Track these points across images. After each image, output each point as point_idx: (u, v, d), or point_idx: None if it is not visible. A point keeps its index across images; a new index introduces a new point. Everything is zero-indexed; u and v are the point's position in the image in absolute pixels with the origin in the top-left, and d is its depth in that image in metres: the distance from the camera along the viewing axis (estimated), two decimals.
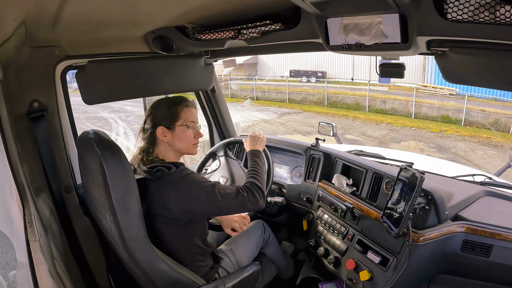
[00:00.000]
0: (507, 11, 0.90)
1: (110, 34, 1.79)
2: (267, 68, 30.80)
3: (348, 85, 23.29)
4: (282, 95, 23.23)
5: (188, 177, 1.60)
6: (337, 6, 1.26)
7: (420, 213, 1.78)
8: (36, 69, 1.71)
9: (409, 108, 17.61)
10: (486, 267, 1.78)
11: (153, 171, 1.56)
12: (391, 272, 1.82)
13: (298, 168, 2.71)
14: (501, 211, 1.98)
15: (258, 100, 23.51)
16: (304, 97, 22.19)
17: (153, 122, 1.70)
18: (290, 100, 22.48)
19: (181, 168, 1.62)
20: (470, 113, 15.91)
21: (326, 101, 21.01)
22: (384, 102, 18.79)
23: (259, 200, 1.74)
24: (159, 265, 1.46)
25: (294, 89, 23.24)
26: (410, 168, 1.70)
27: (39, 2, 1.13)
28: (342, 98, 20.58)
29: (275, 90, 24.15)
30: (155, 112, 1.72)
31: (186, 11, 1.54)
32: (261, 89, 24.86)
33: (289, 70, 28.19)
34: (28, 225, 1.22)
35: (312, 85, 24.63)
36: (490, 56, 1.19)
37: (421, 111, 17.35)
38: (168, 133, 1.69)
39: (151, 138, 1.71)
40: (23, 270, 1.03)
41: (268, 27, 1.51)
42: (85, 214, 1.86)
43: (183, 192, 1.57)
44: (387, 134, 14.98)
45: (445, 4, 1.03)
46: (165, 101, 1.75)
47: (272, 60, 30.32)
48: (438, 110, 16.90)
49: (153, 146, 1.71)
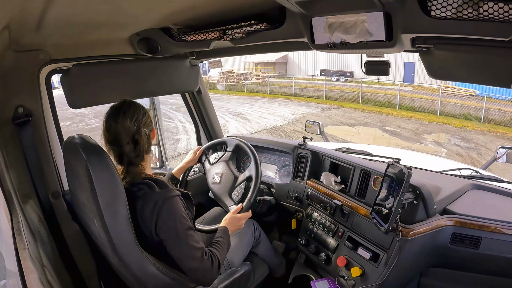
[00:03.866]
0: (490, 8, 0.91)
1: (95, 36, 1.77)
2: (297, 66, 32.15)
3: (375, 85, 24.95)
4: (319, 92, 24.83)
5: (170, 203, 1.47)
6: (322, 5, 1.27)
7: (408, 208, 1.80)
8: (21, 74, 1.68)
9: (435, 106, 19.43)
10: (476, 259, 1.80)
11: (135, 190, 1.48)
12: (382, 267, 1.84)
13: (286, 167, 2.71)
14: (489, 203, 2.02)
15: (297, 97, 25.22)
16: (340, 94, 23.53)
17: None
18: (327, 97, 24.08)
19: (164, 190, 1.49)
20: (488, 112, 17.77)
21: (360, 98, 22.43)
22: (412, 100, 20.66)
23: (214, 272, 1.52)
24: (150, 268, 1.45)
25: (329, 87, 25.07)
26: (397, 164, 1.71)
27: (23, 5, 1.12)
28: (375, 96, 22.37)
29: (312, 88, 25.77)
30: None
31: (171, 12, 1.53)
32: (298, 86, 26.31)
33: (319, 69, 29.55)
34: (16, 233, 1.20)
35: (345, 84, 26.22)
36: (474, 52, 1.21)
37: (445, 109, 19.14)
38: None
39: (145, 145, 1.58)
40: (13, 279, 1.01)
41: (253, 27, 1.51)
42: (73, 220, 1.84)
43: (161, 218, 1.46)
44: (418, 127, 16.65)
45: (429, 1, 1.05)
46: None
47: (301, 59, 31.87)
48: (461, 108, 18.80)
49: (143, 155, 1.58)
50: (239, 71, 32.23)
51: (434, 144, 14.11)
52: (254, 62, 34.14)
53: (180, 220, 1.47)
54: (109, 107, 1.57)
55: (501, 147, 2.67)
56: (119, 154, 1.53)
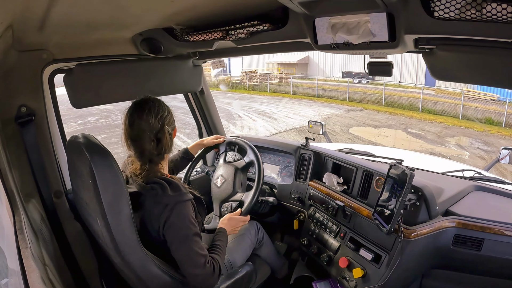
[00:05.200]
0: (494, 9, 0.91)
1: (97, 36, 1.77)
2: (318, 68, 32.41)
3: (397, 87, 25.25)
4: (342, 94, 24.78)
5: (180, 207, 1.48)
6: (325, 6, 1.27)
7: (411, 209, 1.79)
8: (24, 73, 1.69)
9: (457, 110, 19.51)
10: (478, 261, 1.80)
11: (148, 188, 1.50)
12: (384, 268, 1.83)
13: (288, 167, 2.70)
14: (491, 205, 2.01)
15: (320, 98, 25.24)
16: (362, 96, 23.59)
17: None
18: (350, 99, 23.93)
19: (178, 193, 1.49)
20: (510, 116, 17.79)
21: (383, 100, 22.57)
22: (435, 103, 20.75)
23: (214, 277, 1.53)
24: (152, 268, 1.45)
25: (352, 89, 24.98)
26: (400, 165, 1.71)
27: (26, 4, 1.12)
28: (397, 98, 22.52)
29: (335, 89, 25.82)
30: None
31: (174, 12, 1.54)
32: (321, 87, 26.40)
33: (341, 71, 29.67)
34: (18, 232, 1.20)
35: (367, 86, 26.35)
36: (477, 53, 1.21)
37: (467, 113, 19.18)
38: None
39: (167, 143, 1.59)
40: (15, 277, 1.01)
41: (256, 27, 1.52)
42: (76, 219, 1.84)
43: (170, 220, 1.46)
44: (441, 130, 16.78)
45: (432, 2, 1.04)
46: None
47: (323, 60, 32.05)
48: (482, 112, 18.77)
49: (164, 154, 1.61)
50: (261, 71, 32.44)
51: (457, 147, 14.21)
52: (276, 62, 34.27)
53: (188, 225, 1.48)
54: (132, 102, 1.59)
55: (504, 148, 2.66)
56: (140, 150, 1.54)
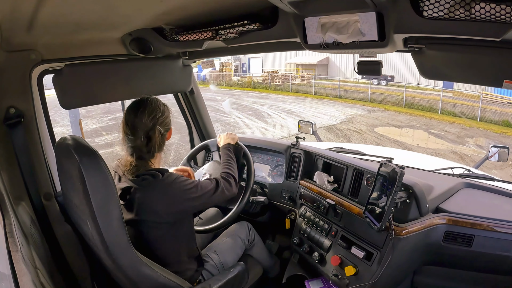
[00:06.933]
0: (482, 8, 0.92)
1: (87, 36, 1.76)
2: (337, 69, 32.49)
3: (416, 89, 25.67)
4: (363, 95, 24.82)
5: (174, 183, 1.60)
6: (315, 6, 1.27)
7: (401, 207, 1.81)
8: (12, 74, 1.67)
9: (475, 112, 19.64)
10: (469, 257, 1.82)
11: (139, 180, 1.57)
12: (375, 266, 1.84)
13: (279, 167, 2.70)
14: (481, 202, 2.04)
15: (342, 98, 25.35)
16: (384, 97, 23.95)
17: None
18: (371, 100, 24.13)
19: (167, 174, 1.61)
20: None
21: (404, 102, 22.79)
22: (454, 106, 20.98)
23: (233, 187, 1.86)
24: (143, 269, 1.44)
25: (373, 90, 25.19)
26: (390, 163, 1.72)
27: (14, 5, 1.11)
28: (418, 100, 22.76)
29: (356, 90, 25.82)
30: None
31: (163, 12, 1.53)
32: (343, 88, 26.58)
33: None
34: (9, 235, 1.19)
35: (388, 87, 26.76)
36: (466, 52, 1.23)
37: (485, 115, 19.31)
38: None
39: (157, 143, 1.67)
40: (6, 282, 1.00)
41: (246, 27, 1.52)
42: (66, 221, 1.82)
43: (171, 196, 1.58)
44: (461, 131, 17.05)
45: (421, 2, 1.05)
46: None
47: (342, 61, 32.18)
48: (500, 115, 18.87)
49: (155, 153, 1.68)
50: (281, 71, 32.80)
51: (476, 147, 14.54)
52: (296, 63, 34.41)
53: (188, 188, 1.64)
54: (132, 100, 1.68)
55: (493, 146, 2.68)
56: (132, 146, 1.62)
